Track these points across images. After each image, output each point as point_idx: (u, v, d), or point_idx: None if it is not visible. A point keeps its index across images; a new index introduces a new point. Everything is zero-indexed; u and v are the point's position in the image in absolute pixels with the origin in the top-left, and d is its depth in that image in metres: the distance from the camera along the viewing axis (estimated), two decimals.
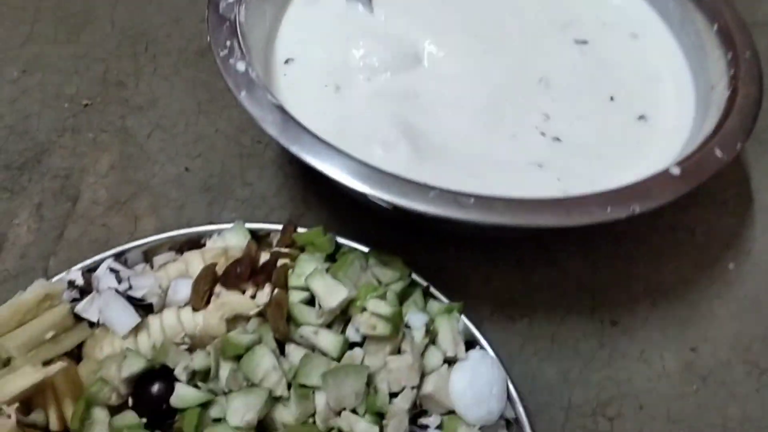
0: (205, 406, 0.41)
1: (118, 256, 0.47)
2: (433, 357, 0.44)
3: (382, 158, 0.48)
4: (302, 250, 0.49)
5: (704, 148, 0.45)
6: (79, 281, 0.44)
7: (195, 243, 0.50)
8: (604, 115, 0.53)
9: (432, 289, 0.48)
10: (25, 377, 0.38)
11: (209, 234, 0.50)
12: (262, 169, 0.59)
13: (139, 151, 0.60)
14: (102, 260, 0.46)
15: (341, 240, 0.49)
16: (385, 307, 0.43)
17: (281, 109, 0.45)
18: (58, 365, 0.39)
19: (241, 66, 0.48)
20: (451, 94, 0.53)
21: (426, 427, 0.43)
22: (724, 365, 0.50)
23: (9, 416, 0.37)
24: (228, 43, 0.49)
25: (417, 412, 0.43)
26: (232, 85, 0.47)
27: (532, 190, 0.44)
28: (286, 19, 0.58)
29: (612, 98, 0.54)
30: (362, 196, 0.48)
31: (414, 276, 0.48)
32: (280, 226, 0.50)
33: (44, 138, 0.60)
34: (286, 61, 0.55)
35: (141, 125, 0.62)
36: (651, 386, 0.48)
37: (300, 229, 0.49)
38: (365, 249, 0.48)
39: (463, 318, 0.46)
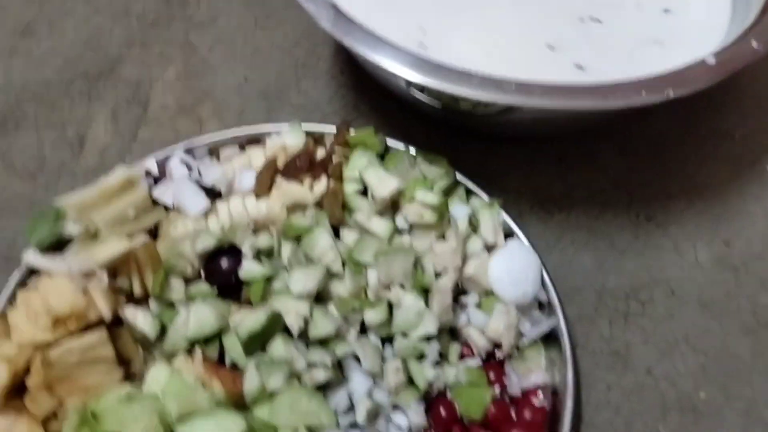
0: (268, 279, 0.45)
1: (187, 151, 0.52)
2: (475, 244, 0.48)
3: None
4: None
5: (741, 39, 0.46)
6: (154, 169, 0.49)
7: (255, 141, 0.54)
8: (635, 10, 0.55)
9: (474, 187, 0.51)
10: (113, 246, 0.43)
11: (269, 133, 0.53)
12: (316, 79, 0.63)
13: (202, 63, 0.64)
14: (173, 152, 0.51)
15: (390, 141, 0.53)
16: (432, 197, 0.47)
17: (334, 7, 0.48)
18: (141, 238, 0.44)
19: None
20: None
21: (466, 305, 0.47)
22: (756, 258, 0.52)
23: (101, 279, 0.42)
24: None
25: (459, 292, 0.47)
26: None
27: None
28: None
29: None
30: (410, 95, 0.51)
31: (457, 174, 0.51)
32: (333, 128, 0.53)
33: (116, 51, 0.64)
34: None
35: (203, 40, 0.66)
36: (683, 275, 0.51)
37: (352, 131, 0.53)
38: (413, 150, 0.52)
39: (503, 213, 0.49)
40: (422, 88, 0.48)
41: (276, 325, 0.43)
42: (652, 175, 0.56)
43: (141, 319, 0.43)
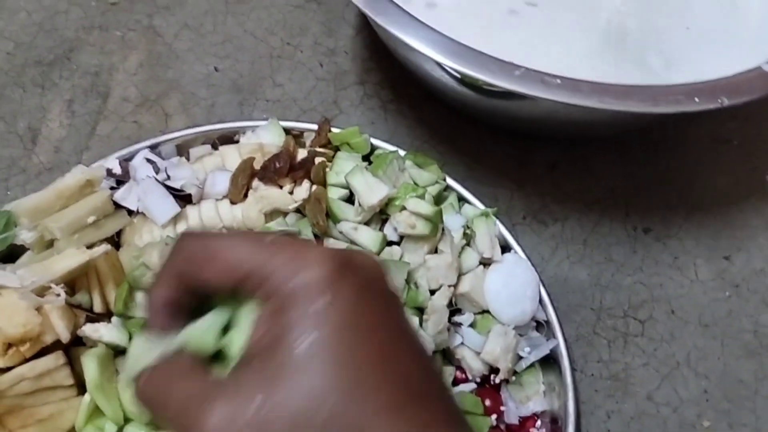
0: None
1: (152, 148, 0.47)
2: (470, 258, 0.44)
3: None
4: (337, 150, 0.48)
5: None
6: (117, 169, 0.44)
7: (228, 139, 0.49)
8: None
9: (467, 194, 0.47)
10: (71, 258, 0.38)
11: (243, 130, 0.49)
12: (293, 71, 0.58)
13: (168, 50, 0.59)
14: (137, 151, 0.46)
15: (376, 141, 0.49)
16: (425, 207, 0.43)
17: None
18: (102, 248, 0.39)
19: None
20: None
21: (459, 324, 0.43)
22: (757, 274, 0.50)
23: (58, 295, 0.37)
24: None
25: (452, 310, 0.43)
26: None
27: None
28: None
29: None
30: (437, 81, 0.47)
31: (449, 180, 0.48)
32: (314, 125, 0.49)
33: (72, 35, 0.59)
34: None
35: (168, 24, 0.60)
36: (683, 292, 0.49)
37: (334, 129, 0.49)
38: (401, 151, 0.48)
39: (499, 223, 0.46)
40: (460, 78, 0.44)
41: None
42: (649, 184, 0.53)
43: (106, 332, 0.39)
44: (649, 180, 0.53)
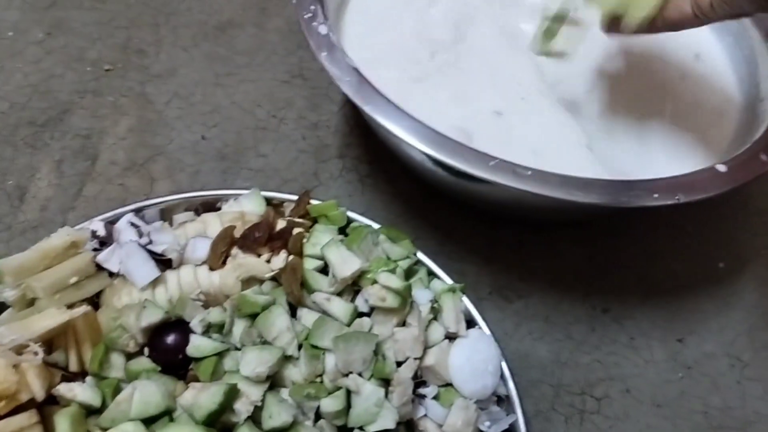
0: (220, 356, 0.42)
1: (137, 212, 0.49)
2: (436, 332, 0.46)
3: None
4: (315, 221, 0.51)
5: (750, 151, 0.48)
6: (101, 232, 0.46)
7: (210, 206, 0.51)
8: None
9: (436, 269, 0.49)
10: (51, 318, 0.39)
11: (225, 198, 0.51)
12: (276, 142, 0.61)
13: (158, 117, 0.61)
14: (122, 214, 0.48)
15: (352, 215, 0.51)
16: (395, 281, 0.45)
17: (357, 72, 0.47)
18: (82, 308, 0.41)
19: (323, 29, 0.50)
20: None
21: (423, 396, 0.45)
22: (708, 357, 0.52)
23: (35, 353, 0.38)
24: (312, 7, 0.51)
25: (416, 381, 0.45)
26: (314, 46, 0.49)
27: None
28: None
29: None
30: (414, 161, 0.50)
31: (420, 254, 0.50)
32: (294, 196, 0.52)
33: (66, 98, 0.61)
34: None
35: (160, 93, 0.63)
36: (638, 371, 0.51)
37: (313, 201, 0.51)
38: (376, 225, 0.50)
39: (464, 298, 0.48)
40: (439, 163, 0.47)
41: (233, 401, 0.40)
42: (609, 266, 0.56)
43: (80, 392, 0.40)
44: (610, 263, 0.56)
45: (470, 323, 0.48)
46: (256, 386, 0.41)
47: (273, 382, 0.42)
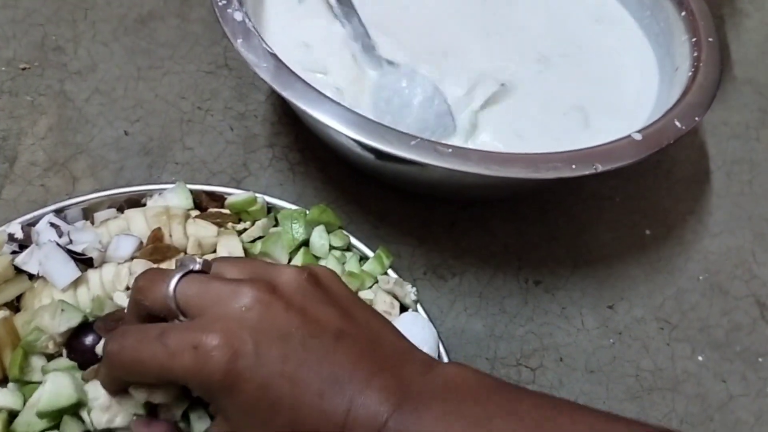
0: None
1: (58, 212, 0.47)
2: None
3: None
4: (238, 215, 0.50)
5: (665, 118, 0.49)
6: (19, 234, 0.45)
7: (135, 203, 0.50)
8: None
9: (369, 253, 0.49)
10: None
11: (150, 193, 0.50)
12: (203, 134, 0.60)
13: (78, 114, 0.60)
14: (42, 215, 0.47)
15: (281, 203, 0.51)
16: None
17: (275, 57, 0.47)
18: (0, 313, 0.40)
19: (238, 15, 0.49)
20: None
21: None
22: (638, 321, 0.53)
23: None
24: None
25: None
26: (229, 33, 0.49)
27: None
28: None
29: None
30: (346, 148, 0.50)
31: (353, 239, 0.50)
32: (220, 188, 0.51)
33: None
34: None
35: (80, 89, 0.61)
36: (570, 340, 0.52)
37: (237, 191, 0.50)
38: (306, 210, 0.50)
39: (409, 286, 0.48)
40: (362, 145, 0.47)
41: None
42: (539, 240, 0.57)
43: (1, 398, 0.39)
44: (540, 236, 0.57)
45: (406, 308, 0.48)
46: None
47: None
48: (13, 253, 0.45)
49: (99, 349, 0.40)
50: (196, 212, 0.50)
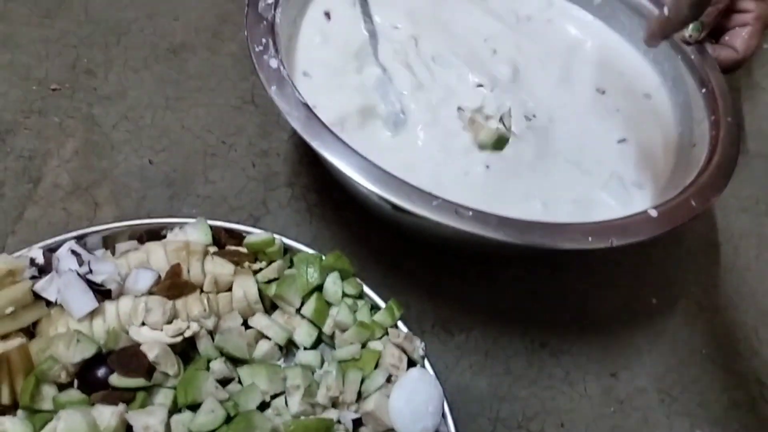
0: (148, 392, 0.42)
1: (78, 239, 0.48)
2: (377, 377, 0.47)
3: None
4: (255, 254, 0.51)
5: (681, 196, 0.49)
6: (40, 260, 0.45)
7: (155, 234, 0.51)
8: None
9: (381, 303, 0.50)
10: None
11: (171, 226, 0.51)
12: (225, 169, 0.61)
13: (104, 139, 0.61)
14: (63, 241, 0.47)
15: (297, 245, 0.51)
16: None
17: (307, 107, 0.48)
18: (17, 341, 0.40)
19: (273, 63, 0.50)
20: None
21: None
22: (639, 392, 0.54)
23: None
24: (264, 40, 0.51)
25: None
26: (264, 80, 0.49)
27: None
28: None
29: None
30: (362, 195, 0.51)
31: (365, 288, 0.50)
32: (240, 226, 0.52)
33: (10, 118, 0.60)
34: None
35: (108, 115, 0.63)
36: (572, 406, 0.52)
37: (257, 230, 0.51)
38: (322, 255, 0.51)
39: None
40: (385, 201, 0.48)
41: None
42: (548, 301, 0.57)
43: (10, 426, 0.39)
44: (549, 297, 0.57)
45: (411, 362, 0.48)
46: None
47: None
48: (33, 278, 0.45)
49: (112, 380, 0.41)
50: (214, 248, 0.51)
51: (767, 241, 0.66)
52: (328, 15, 0.61)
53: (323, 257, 0.50)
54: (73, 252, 0.47)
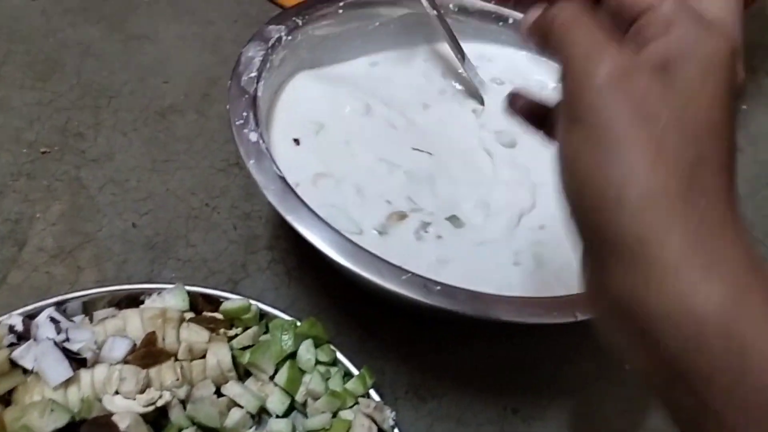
0: None
1: (59, 305, 0.49)
2: None
3: None
4: (231, 320, 0.52)
5: None
6: (19, 327, 0.47)
7: (134, 299, 0.52)
8: None
9: (355, 371, 0.51)
10: None
11: (149, 292, 0.52)
12: (207, 231, 0.62)
13: (90, 203, 0.62)
14: (43, 307, 0.49)
15: (273, 311, 0.53)
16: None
17: (284, 180, 0.49)
18: None
19: (253, 136, 0.52)
20: None
21: None
22: None
23: None
24: (244, 114, 0.53)
25: None
26: (243, 153, 0.51)
27: None
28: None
29: None
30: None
31: (339, 355, 0.51)
32: (217, 292, 0.53)
33: None
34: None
35: (95, 177, 0.64)
36: None
37: (233, 296, 0.53)
38: (297, 321, 0.52)
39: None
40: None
41: None
42: (521, 366, 0.58)
43: None
44: (522, 362, 0.58)
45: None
46: None
47: None
48: (11, 345, 0.46)
49: None
50: (191, 314, 0.52)
51: None
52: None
53: (298, 323, 0.52)
54: (52, 319, 0.48)
